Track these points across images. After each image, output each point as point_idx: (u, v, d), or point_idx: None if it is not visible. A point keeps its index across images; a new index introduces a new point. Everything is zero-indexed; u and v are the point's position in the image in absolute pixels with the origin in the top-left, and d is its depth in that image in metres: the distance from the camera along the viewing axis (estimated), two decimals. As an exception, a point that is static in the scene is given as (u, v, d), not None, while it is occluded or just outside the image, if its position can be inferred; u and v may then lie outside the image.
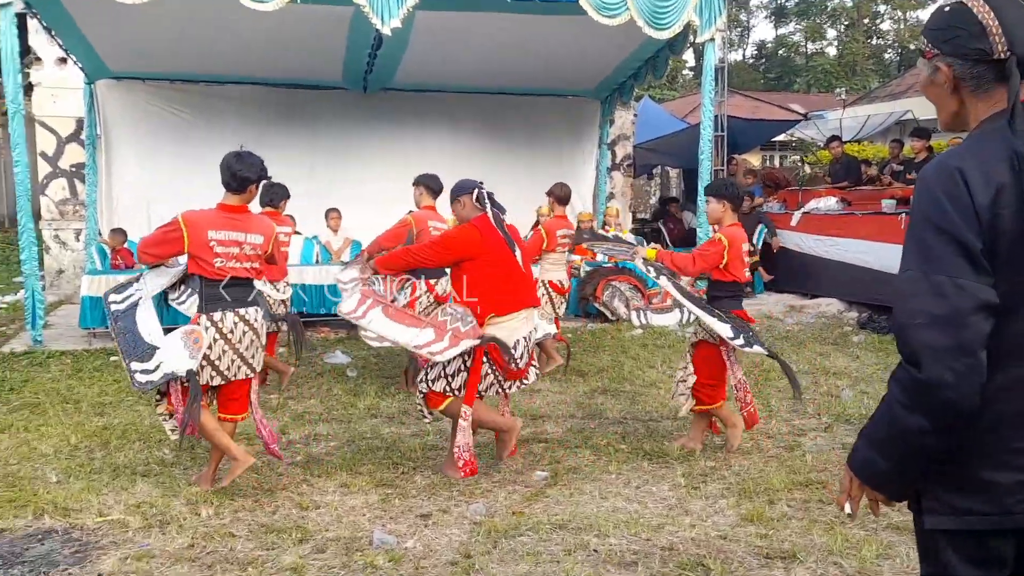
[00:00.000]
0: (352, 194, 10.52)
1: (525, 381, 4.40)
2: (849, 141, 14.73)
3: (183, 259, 4.08)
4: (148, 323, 3.99)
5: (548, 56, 9.99)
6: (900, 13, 35.68)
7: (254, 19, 7.34)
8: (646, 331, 8.23)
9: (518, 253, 4.32)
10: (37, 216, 10.33)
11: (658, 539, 3.56)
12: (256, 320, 4.05)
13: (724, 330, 4.45)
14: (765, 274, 10.40)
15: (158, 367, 3.81)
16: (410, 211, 6.33)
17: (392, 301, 4.35)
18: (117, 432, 5.07)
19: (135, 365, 3.84)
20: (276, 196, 6.24)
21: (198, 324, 3.93)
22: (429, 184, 6.32)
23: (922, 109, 18.00)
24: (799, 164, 21.25)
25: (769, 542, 3.53)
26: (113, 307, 4.08)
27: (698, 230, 9.34)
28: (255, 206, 4.36)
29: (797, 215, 10.24)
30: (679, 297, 4.55)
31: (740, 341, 4.44)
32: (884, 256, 8.66)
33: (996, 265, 1.44)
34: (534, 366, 4.44)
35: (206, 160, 10.29)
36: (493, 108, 11.56)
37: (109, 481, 4.24)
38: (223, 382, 4.00)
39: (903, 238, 1.53)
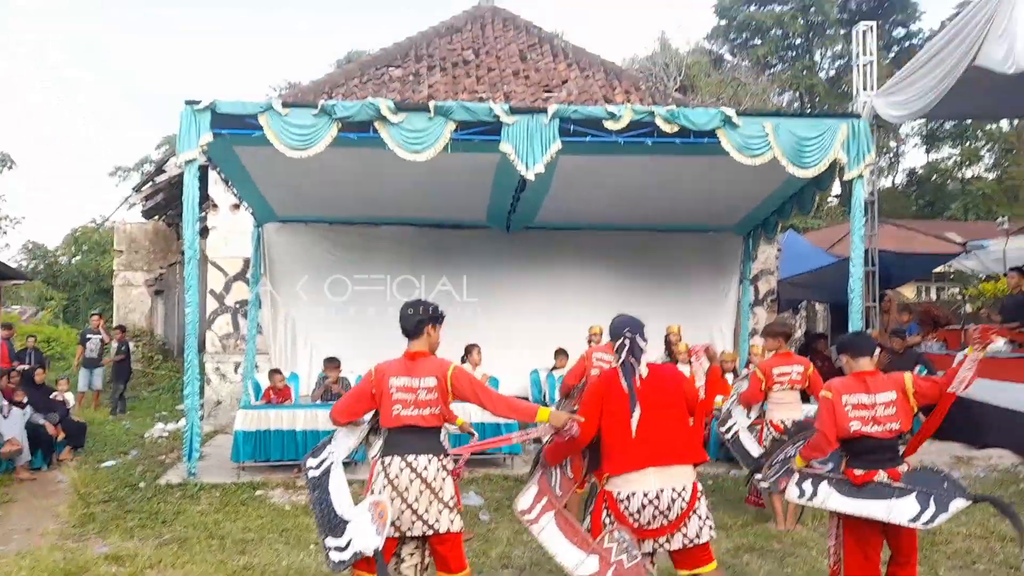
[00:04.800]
0: (494, 330, 10.75)
1: (671, 541, 3.89)
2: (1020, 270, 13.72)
3: (368, 416, 4.16)
4: (340, 492, 4.01)
5: (689, 194, 10.04)
6: (1066, 135, 33.80)
7: (407, 167, 7.80)
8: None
9: (636, 412, 3.92)
10: (201, 348, 11.11)
11: None
12: (425, 469, 3.95)
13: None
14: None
15: (348, 544, 3.79)
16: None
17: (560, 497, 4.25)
18: (256, 573, 5.15)
19: (330, 541, 3.84)
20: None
21: (374, 470, 3.97)
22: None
23: (1098, 239, 16.69)
24: (959, 298, 19.98)
25: None
26: (310, 473, 4.13)
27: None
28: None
29: (959, 357, 9.50)
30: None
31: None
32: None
33: None
34: (690, 523, 3.89)
35: (361, 296, 11.11)
36: (632, 244, 11.65)
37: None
38: (395, 534, 3.92)
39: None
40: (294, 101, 8.51)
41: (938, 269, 19.55)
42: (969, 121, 31.59)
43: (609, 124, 7.89)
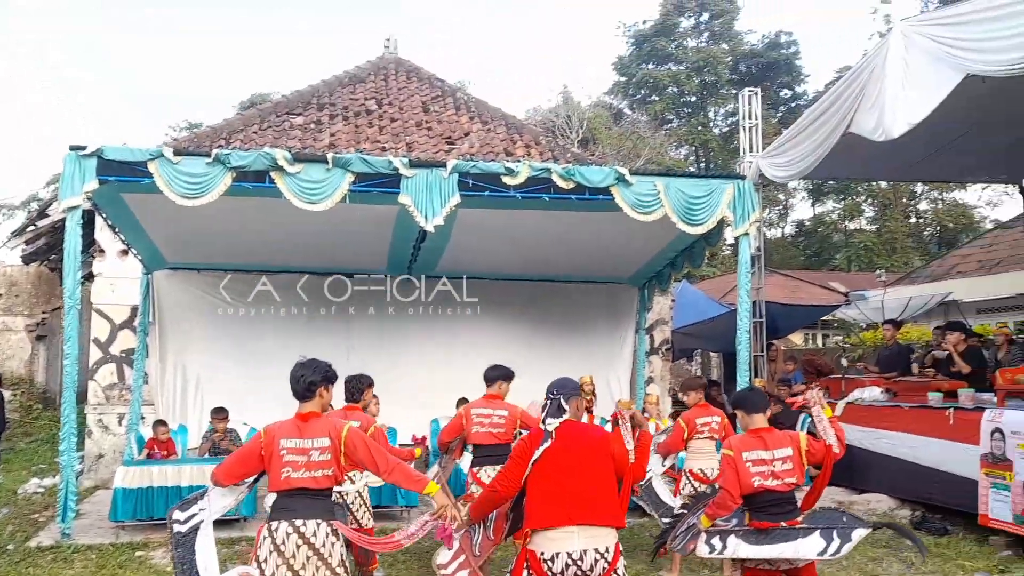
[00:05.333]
0: (392, 379, 10.63)
1: None
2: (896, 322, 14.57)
3: (250, 479, 4.03)
4: (206, 554, 3.85)
5: (586, 246, 10.29)
6: (938, 193, 36.33)
7: (306, 215, 7.73)
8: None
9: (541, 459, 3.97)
10: (83, 399, 10.56)
11: None
12: (313, 535, 3.83)
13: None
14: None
15: None
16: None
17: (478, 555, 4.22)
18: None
19: None
20: (356, 390, 6.05)
21: (259, 536, 3.84)
22: (484, 374, 6.46)
23: (964, 291, 17.93)
24: (842, 346, 21.02)
25: None
26: (176, 527, 3.96)
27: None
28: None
29: (841, 405, 9.99)
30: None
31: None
32: (934, 452, 8.32)
33: None
34: None
35: (255, 346, 10.82)
36: (532, 294, 11.81)
37: None
38: None
39: (950, 434, 1.47)
40: (186, 148, 8.33)
41: (823, 318, 20.54)
42: (850, 178, 33.59)
43: (507, 179, 8.05)
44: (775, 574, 4.31)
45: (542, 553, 3.79)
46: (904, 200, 36.58)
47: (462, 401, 9.89)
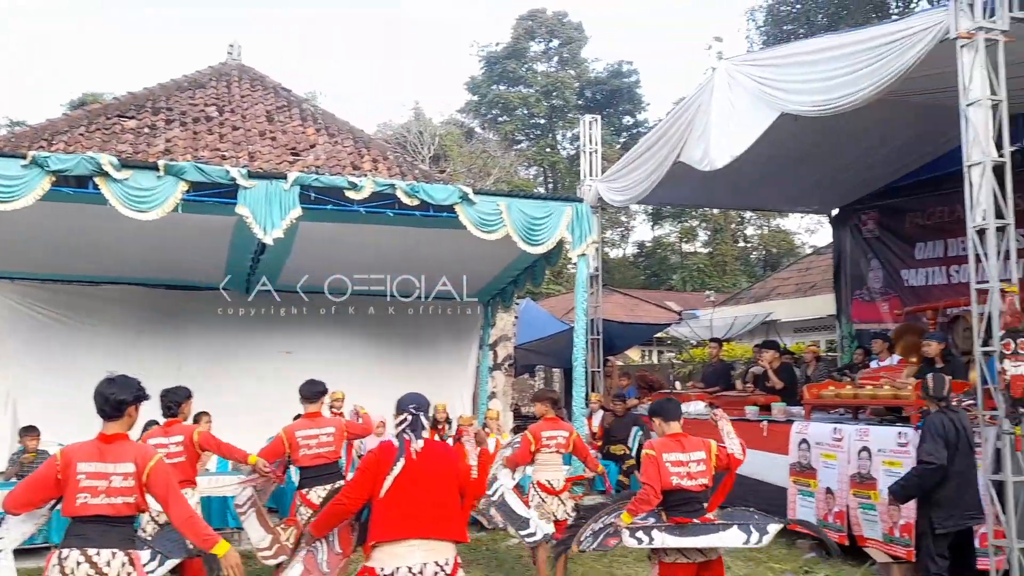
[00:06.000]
0: (228, 397, 10.26)
1: None
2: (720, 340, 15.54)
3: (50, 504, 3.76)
4: None
5: (431, 263, 10.36)
6: (764, 220, 39.07)
7: (134, 225, 7.38)
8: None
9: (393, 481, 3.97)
10: None
11: None
12: (107, 565, 3.61)
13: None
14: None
15: None
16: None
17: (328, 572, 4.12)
18: None
19: None
20: (172, 403, 5.77)
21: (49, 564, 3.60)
22: (303, 392, 6.30)
23: (783, 311, 19.37)
24: (673, 362, 22.16)
25: None
26: None
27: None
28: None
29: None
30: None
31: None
32: (750, 462, 8.82)
33: None
34: None
35: (76, 361, 10.09)
36: (376, 310, 11.72)
37: None
38: None
39: (764, 445, 1.66)
40: (1, 149, 7.76)
41: (659, 335, 21.57)
42: (686, 203, 35.57)
43: (351, 194, 8.02)
44: (689, 567, 4.62)
45: (382, 568, 3.80)
46: (733, 225, 39.08)
47: (298, 418, 9.68)
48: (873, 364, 9.97)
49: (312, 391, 6.29)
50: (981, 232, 6.46)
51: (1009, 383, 6.08)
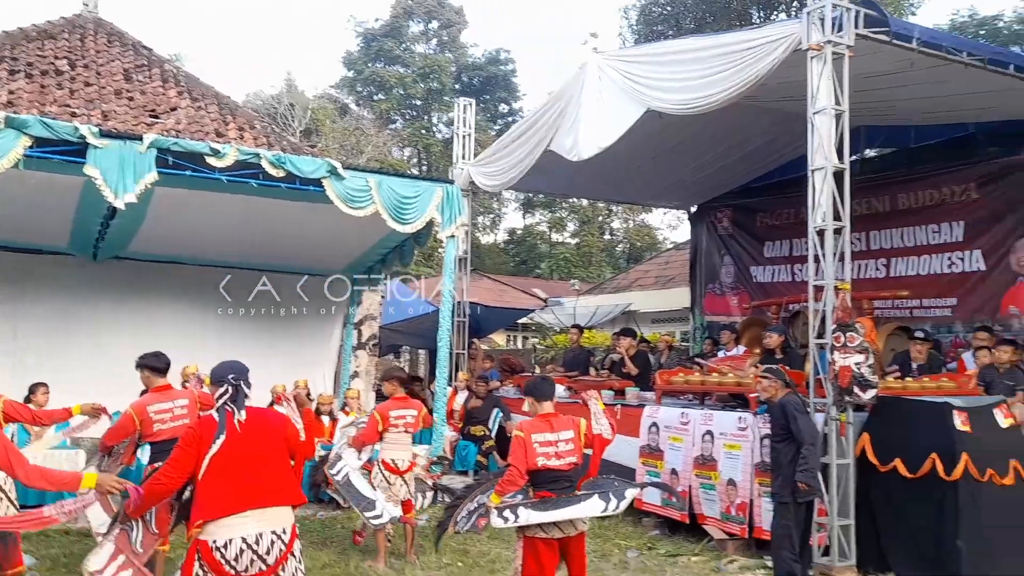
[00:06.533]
0: (72, 366, 9.68)
1: None
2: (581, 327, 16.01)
3: None
4: None
5: (296, 237, 10.09)
6: (629, 214, 40.37)
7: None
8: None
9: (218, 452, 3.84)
10: None
11: None
12: None
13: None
14: (500, 459, 10.70)
15: None
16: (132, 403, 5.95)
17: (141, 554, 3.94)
18: None
19: None
20: None
21: None
22: (152, 364, 6.01)
23: (642, 302, 20.13)
24: (537, 347, 22.62)
25: None
26: None
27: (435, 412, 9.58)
28: None
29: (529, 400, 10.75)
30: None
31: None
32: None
33: None
34: (288, 566, 3.88)
35: None
36: (236, 282, 11.32)
37: None
38: None
39: (619, 428, 1.72)
40: None
41: (524, 320, 21.94)
42: (556, 193, 36.27)
43: (213, 161, 7.69)
44: (551, 543, 4.73)
45: (214, 541, 3.69)
46: (601, 218, 40.16)
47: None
48: (721, 354, 10.56)
49: (162, 362, 6.01)
50: (820, 233, 6.95)
51: (838, 373, 6.59)
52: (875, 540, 6.57)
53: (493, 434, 10.69)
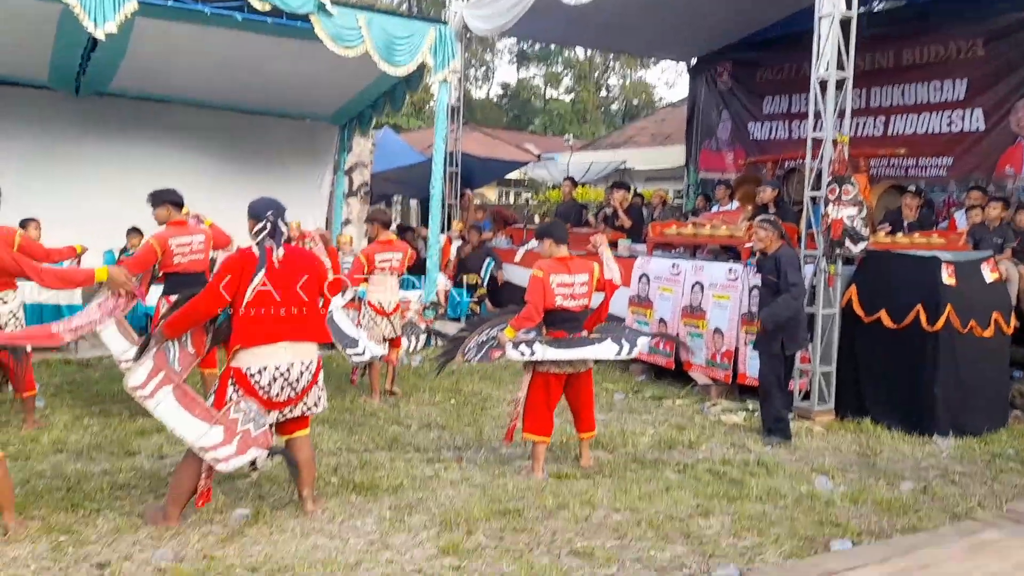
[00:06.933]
0: (55, 205, 9.54)
1: (293, 411, 4.13)
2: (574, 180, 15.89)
3: None
4: None
5: (284, 78, 9.79)
6: (627, 70, 39.31)
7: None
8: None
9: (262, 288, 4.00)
10: None
11: None
12: None
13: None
14: (491, 306, 10.86)
15: None
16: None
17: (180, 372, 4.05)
18: None
19: None
20: None
21: None
22: (173, 199, 6.04)
23: (637, 160, 19.90)
24: (530, 202, 22.54)
25: (460, 574, 3.67)
26: None
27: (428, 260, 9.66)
28: None
29: (521, 251, 10.81)
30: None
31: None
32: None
33: None
34: (311, 394, 4.19)
35: None
36: (224, 124, 11.03)
37: None
38: None
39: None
40: None
41: (516, 176, 21.76)
42: (553, 46, 35.10)
43: (194, -12, 7.35)
44: (560, 377, 5.00)
45: (248, 368, 3.96)
46: (597, 73, 39.12)
47: (133, 231, 9.19)
48: (714, 209, 10.53)
49: (181, 198, 6.04)
50: (823, 84, 6.77)
51: (831, 225, 6.59)
52: (855, 388, 6.78)
53: (485, 283, 10.80)
